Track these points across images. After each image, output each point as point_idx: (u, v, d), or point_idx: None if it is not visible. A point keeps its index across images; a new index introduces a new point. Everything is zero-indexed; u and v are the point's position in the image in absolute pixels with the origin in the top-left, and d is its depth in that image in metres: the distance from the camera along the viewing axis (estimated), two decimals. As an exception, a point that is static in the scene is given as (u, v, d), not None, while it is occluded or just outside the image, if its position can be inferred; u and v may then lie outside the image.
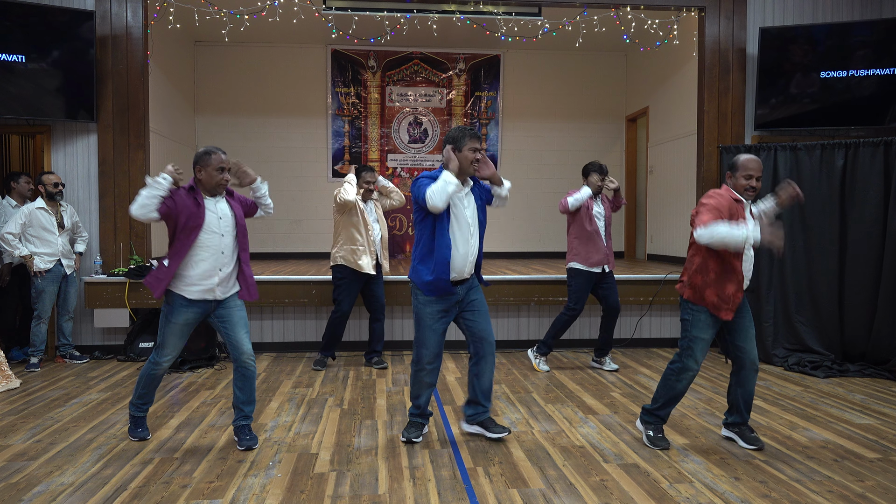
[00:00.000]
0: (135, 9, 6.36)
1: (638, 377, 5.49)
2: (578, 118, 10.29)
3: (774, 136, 6.83)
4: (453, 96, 10.12)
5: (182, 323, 3.67)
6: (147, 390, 3.82)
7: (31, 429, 4.09)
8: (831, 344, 5.86)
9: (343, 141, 9.98)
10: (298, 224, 9.75)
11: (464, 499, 3.06)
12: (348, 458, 3.58)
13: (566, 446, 3.78)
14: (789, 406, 4.62)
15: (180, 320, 3.66)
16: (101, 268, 6.23)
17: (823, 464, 3.50)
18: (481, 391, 3.84)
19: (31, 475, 3.34)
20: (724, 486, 3.20)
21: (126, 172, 6.35)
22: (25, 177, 6.21)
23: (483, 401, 3.85)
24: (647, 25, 7.53)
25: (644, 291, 6.50)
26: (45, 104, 6.14)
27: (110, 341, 6.36)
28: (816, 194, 5.96)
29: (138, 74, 6.39)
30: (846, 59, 6.46)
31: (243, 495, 3.09)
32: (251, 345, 3.77)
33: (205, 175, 3.62)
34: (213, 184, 3.63)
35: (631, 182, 10.27)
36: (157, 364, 3.72)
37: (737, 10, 6.81)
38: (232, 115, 9.72)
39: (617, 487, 3.19)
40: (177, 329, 3.68)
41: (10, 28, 5.92)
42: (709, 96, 6.85)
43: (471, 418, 3.90)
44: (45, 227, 5.75)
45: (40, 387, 5.16)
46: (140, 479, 3.29)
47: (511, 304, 6.49)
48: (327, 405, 4.63)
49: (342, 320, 5.73)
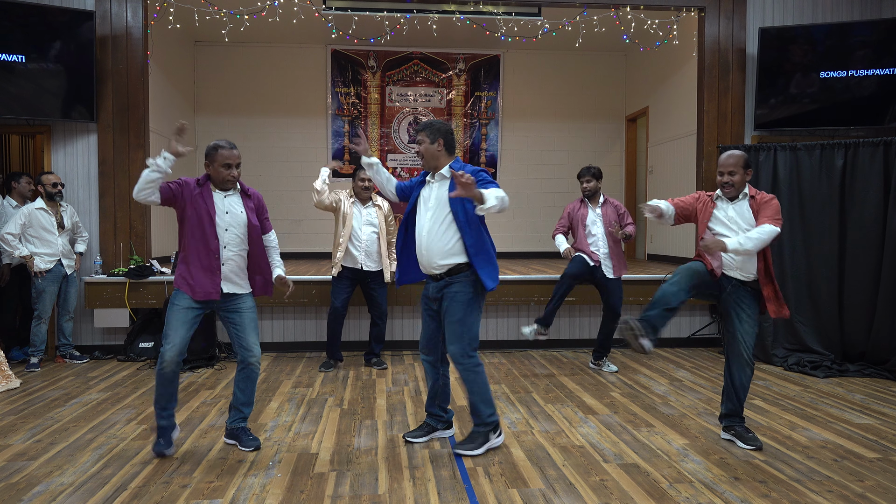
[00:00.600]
0: (135, 9, 6.36)
1: (638, 377, 5.49)
2: (578, 118, 10.29)
3: (774, 136, 6.83)
4: (453, 96, 10.12)
5: (184, 307, 3.55)
6: (162, 390, 3.57)
7: (31, 429, 4.09)
8: (831, 344, 5.86)
9: (343, 141, 9.99)
10: (298, 224, 9.75)
11: (464, 499, 3.07)
12: (348, 458, 3.58)
13: (566, 446, 3.78)
14: (789, 406, 4.62)
15: (183, 304, 3.56)
16: (101, 268, 6.23)
17: (823, 464, 3.50)
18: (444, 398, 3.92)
19: (31, 475, 3.34)
20: (723, 486, 3.20)
21: (126, 172, 6.35)
22: (26, 177, 6.22)
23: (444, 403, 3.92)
24: (646, 25, 7.53)
25: (644, 291, 6.50)
26: (45, 104, 6.14)
27: (110, 341, 6.36)
28: (816, 194, 5.97)
29: (138, 74, 6.40)
30: (846, 59, 6.46)
31: (243, 495, 3.09)
32: (260, 347, 3.75)
33: (212, 170, 3.61)
34: (219, 179, 3.60)
35: (631, 182, 10.27)
36: (162, 357, 3.53)
37: (736, 10, 6.82)
38: (232, 114, 9.73)
39: (617, 487, 3.19)
40: (179, 313, 3.54)
41: (11, 28, 5.92)
42: (708, 96, 6.85)
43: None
44: (45, 227, 5.75)
45: (40, 387, 5.16)
46: (140, 479, 3.29)
47: (511, 304, 6.49)
48: (327, 405, 4.63)
49: (333, 317, 5.74)
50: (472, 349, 3.60)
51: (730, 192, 3.73)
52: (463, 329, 3.57)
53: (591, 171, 5.62)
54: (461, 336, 3.57)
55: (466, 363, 3.60)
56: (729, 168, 3.72)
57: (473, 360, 3.61)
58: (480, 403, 3.64)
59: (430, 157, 3.64)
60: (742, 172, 3.72)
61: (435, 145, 3.62)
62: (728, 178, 3.72)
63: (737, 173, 3.71)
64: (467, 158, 10.09)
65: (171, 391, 3.59)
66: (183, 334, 3.55)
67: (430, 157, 3.64)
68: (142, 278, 6.11)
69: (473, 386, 3.63)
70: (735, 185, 3.72)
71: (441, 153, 3.63)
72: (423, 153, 3.66)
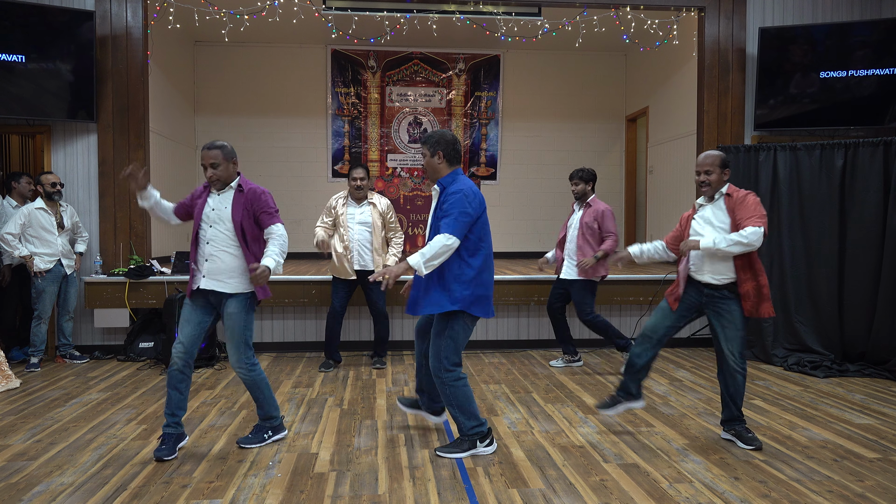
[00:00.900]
0: (135, 9, 6.36)
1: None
2: (578, 118, 10.29)
3: (774, 136, 6.83)
4: (453, 96, 10.12)
5: (190, 304, 3.66)
6: (171, 392, 3.57)
7: (31, 429, 4.09)
8: (831, 344, 5.86)
9: (343, 141, 9.99)
10: (298, 224, 9.74)
11: (464, 499, 3.07)
12: (348, 458, 3.58)
13: (566, 446, 3.78)
14: (789, 406, 4.62)
15: (189, 300, 3.68)
16: (101, 268, 6.23)
17: (823, 463, 3.50)
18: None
19: (31, 475, 3.34)
20: (723, 486, 3.20)
21: (126, 172, 6.35)
22: (26, 177, 6.22)
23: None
24: (646, 25, 7.53)
25: (643, 291, 6.50)
26: (45, 104, 6.14)
27: (110, 341, 6.36)
28: (816, 194, 5.97)
29: (138, 74, 6.40)
30: (846, 59, 6.46)
31: (243, 495, 3.09)
32: (243, 353, 3.67)
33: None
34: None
35: (631, 182, 10.27)
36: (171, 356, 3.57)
37: (736, 10, 6.82)
38: (232, 115, 9.72)
39: (617, 487, 3.19)
40: (186, 310, 3.66)
41: (11, 28, 5.92)
42: (708, 96, 6.85)
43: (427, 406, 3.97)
44: (45, 227, 5.75)
45: (40, 387, 5.16)
46: (140, 478, 3.29)
47: (511, 304, 6.49)
48: (327, 405, 4.63)
49: (331, 318, 5.77)
50: (450, 364, 3.57)
51: (707, 191, 3.75)
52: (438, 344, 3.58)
53: (578, 174, 5.64)
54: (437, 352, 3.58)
55: (444, 377, 3.58)
56: (706, 167, 3.74)
57: (453, 375, 3.58)
58: (461, 416, 3.61)
59: (431, 169, 3.68)
60: (719, 172, 3.73)
61: (435, 158, 3.63)
62: (705, 177, 3.74)
63: (713, 172, 3.72)
64: (467, 158, 10.09)
65: (179, 395, 3.58)
66: (191, 336, 3.61)
67: (430, 169, 3.68)
68: (142, 278, 6.11)
69: (452, 399, 3.60)
70: (712, 184, 3.73)
71: (441, 165, 3.63)
72: (425, 166, 3.70)
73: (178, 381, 3.57)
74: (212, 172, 3.61)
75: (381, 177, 10.06)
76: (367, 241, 5.65)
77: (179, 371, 3.57)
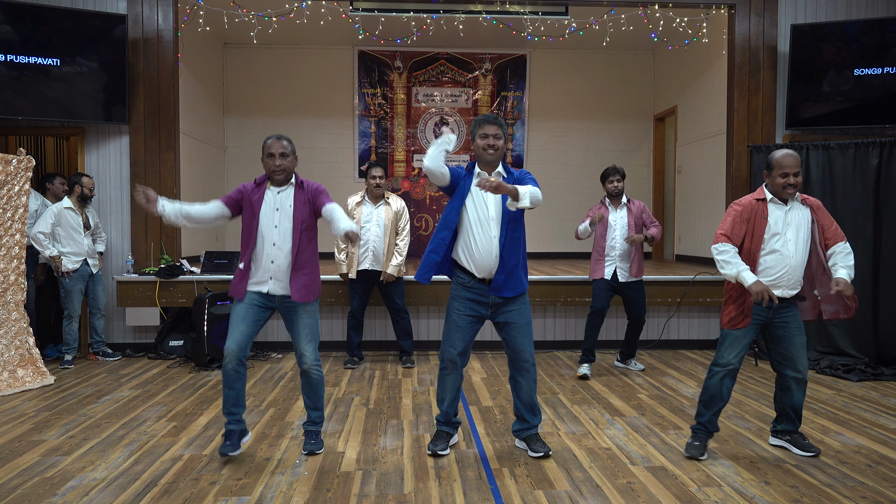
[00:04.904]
0: (165, 12, 6.47)
1: (665, 379, 5.43)
2: (605, 118, 10.22)
3: (806, 135, 6.71)
4: (479, 96, 10.11)
5: (244, 304, 3.53)
6: (227, 391, 3.52)
7: (65, 424, 4.17)
8: (865, 346, 5.73)
9: (369, 141, 10.03)
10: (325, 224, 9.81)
11: (489, 499, 3.06)
12: (374, 458, 3.59)
13: (592, 448, 3.75)
14: (821, 410, 4.54)
15: (243, 299, 3.54)
16: (132, 267, 6.34)
17: (856, 469, 3.43)
18: (523, 406, 3.68)
19: (65, 470, 3.41)
20: (753, 491, 3.15)
21: (157, 173, 6.46)
22: (60, 178, 6.35)
23: (527, 415, 3.69)
24: (675, 23, 7.44)
25: (672, 293, 6.43)
26: (78, 107, 6.27)
27: (141, 339, 6.47)
28: (850, 194, 5.85)
29: (169, 77, 6.50)
30: (881, 55, 6.32)
31: (270, 493, 3.12)
32: (315, 352, 3.62)
33: (263, 164, 3.57)
34: (267, 171, 3.57)
35: (659, 182, 10.16)
36: (224, 355, 3.50)
37: (767, 7, 6.71)
38: (260, 116, 9.83)
39: (644, 490, 3.16)
40: (239, 311, 3.51)
41: (46, 33, 6.05)
42: (739, 95, 6.75)
43: (517, 433, 3.76)
44: (74, 227, 5.86)
45: (73, 383, 5.26)
46: (170, 475, 3.34)
47: (537, 304, 6.45)
48: (353, 404, 4.65)
49: (352, 318, 5.86)
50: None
51: (794, 192, 3.51)
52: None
53: (619, 172, 5.55)
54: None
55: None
56: (795, 169, 3.48)
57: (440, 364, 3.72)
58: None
59: (500, 155, 3.60)
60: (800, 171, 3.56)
61: (504, 144, 3.62)
62: (794, 179, 3.47)
63: (800, 174, 3.52)
64: (493, 158, 10.05)
65: (235, 394, 3.53)
66: (245, 333, 3.49)
67: (500, 155, 3.60)
68: (172, 278, 6.20)
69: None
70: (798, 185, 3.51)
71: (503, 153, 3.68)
72: (497, 149, 3.56)
73: (234, 381, 3.50)
74: (281, 162, 3.49)
75: (408, 177, 10.08)
76: (380, 241, 5.69)
77: (234, 370, 3.48)
